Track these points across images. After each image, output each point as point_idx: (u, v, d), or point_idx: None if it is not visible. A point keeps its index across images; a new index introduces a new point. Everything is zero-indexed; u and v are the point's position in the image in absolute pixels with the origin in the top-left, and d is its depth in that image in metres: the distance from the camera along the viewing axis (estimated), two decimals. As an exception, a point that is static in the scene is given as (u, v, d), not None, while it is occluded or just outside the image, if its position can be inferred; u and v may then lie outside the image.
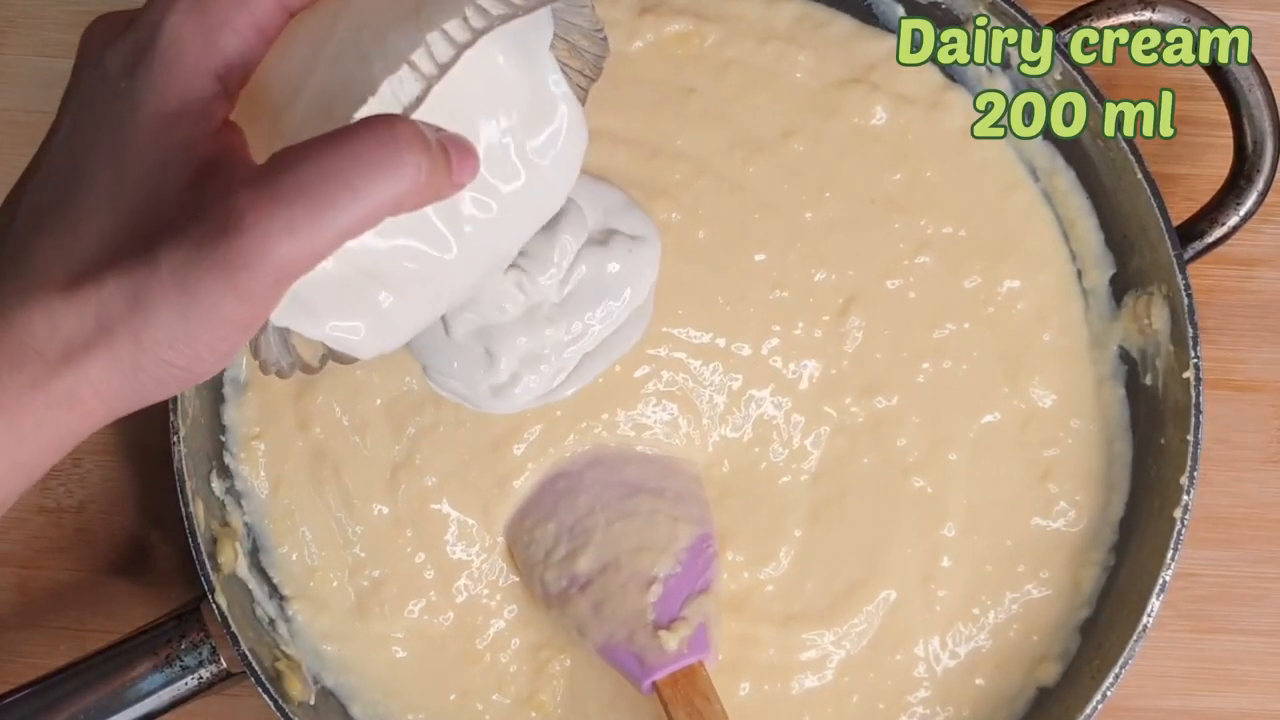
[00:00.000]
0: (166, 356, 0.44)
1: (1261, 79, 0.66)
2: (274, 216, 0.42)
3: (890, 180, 0.68)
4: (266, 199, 0.42)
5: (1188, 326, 0.65)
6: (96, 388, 0.44)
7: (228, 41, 0.46)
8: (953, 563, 0.68)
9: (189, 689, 0.64)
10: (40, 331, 0.44)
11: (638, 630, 0.62)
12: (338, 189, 0.42)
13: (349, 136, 0.43)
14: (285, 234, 0.42)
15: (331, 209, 0.42)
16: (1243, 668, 0.72)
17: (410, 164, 0.43)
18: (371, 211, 0.43)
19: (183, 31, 0.45)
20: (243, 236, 0.42)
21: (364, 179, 0.43)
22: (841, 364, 0.68)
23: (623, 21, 0.69)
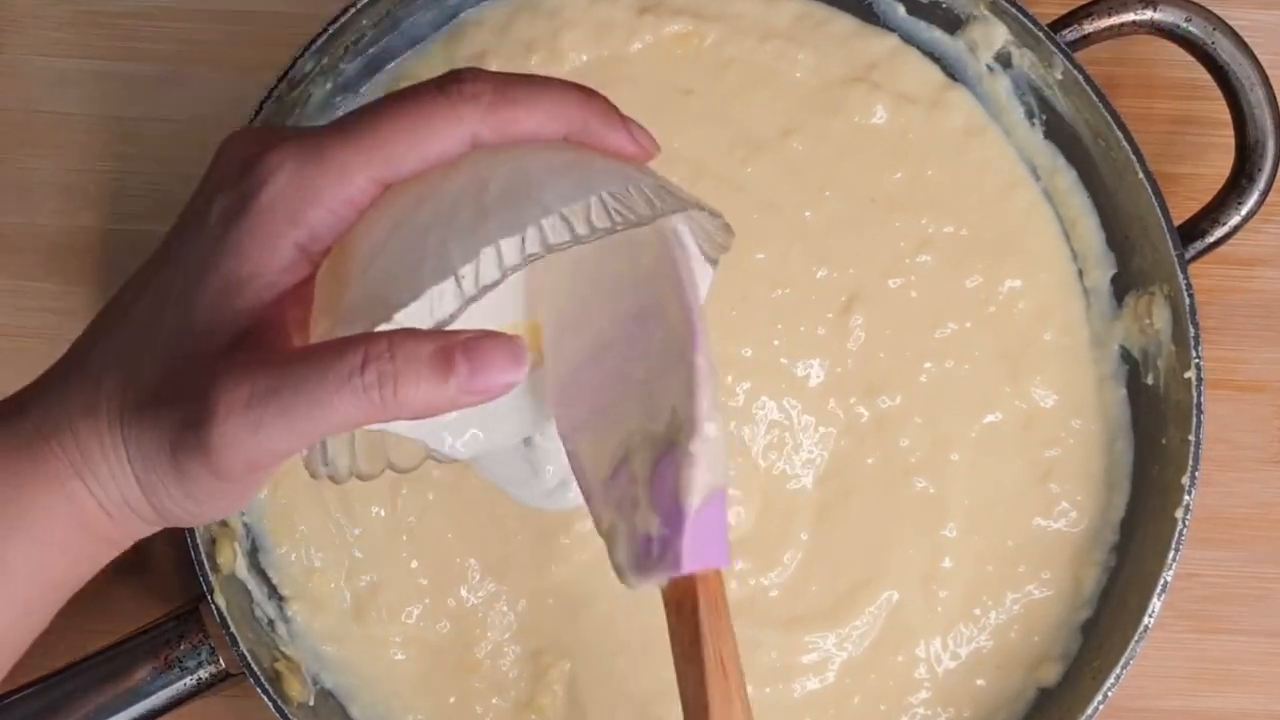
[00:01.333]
0: (181, 510, 0.49)
1: (1263, 78, 0.66)
2: (242, 417, 0.45)
3: (891, 179, 0.69)
4: (238, 398, 0.45)
5: (1189, 326, 0.65)
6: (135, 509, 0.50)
7: (318, 217, 0.48)
8: (954, 563, 0.68)
9: (188, 689, 0.64)
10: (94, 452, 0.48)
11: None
12: (301, 401, 0.44)
13: (324, 349, 0.45)
14: (250, 431, 0.45)
15: (294, 415, 0.44)
16: (1244, 668, 0.72)
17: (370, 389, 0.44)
18: (338, 419, 0.45)
19: (279, 199, 0.48)
20: (211, 430, 0.45)
21: (327, 396, 0.44)
22: (846, 363, 0.68)
23: (622, 22, 0.69)
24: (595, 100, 0.51)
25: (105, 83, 0.73)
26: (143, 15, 0.73)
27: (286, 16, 0.72)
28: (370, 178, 0.48)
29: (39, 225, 0.72)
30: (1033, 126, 0.69)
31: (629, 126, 0.52)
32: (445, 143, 0.48)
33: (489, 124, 0.48)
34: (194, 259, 0.48)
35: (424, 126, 0.48)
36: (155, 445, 0.47)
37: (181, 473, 0.47)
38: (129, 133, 0.73)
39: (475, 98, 0.48)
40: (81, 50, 0.73)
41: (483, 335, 0.46)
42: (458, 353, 0.45)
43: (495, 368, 0.46)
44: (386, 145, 0.48)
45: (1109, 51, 0.70)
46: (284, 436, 0.45)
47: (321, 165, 0.48)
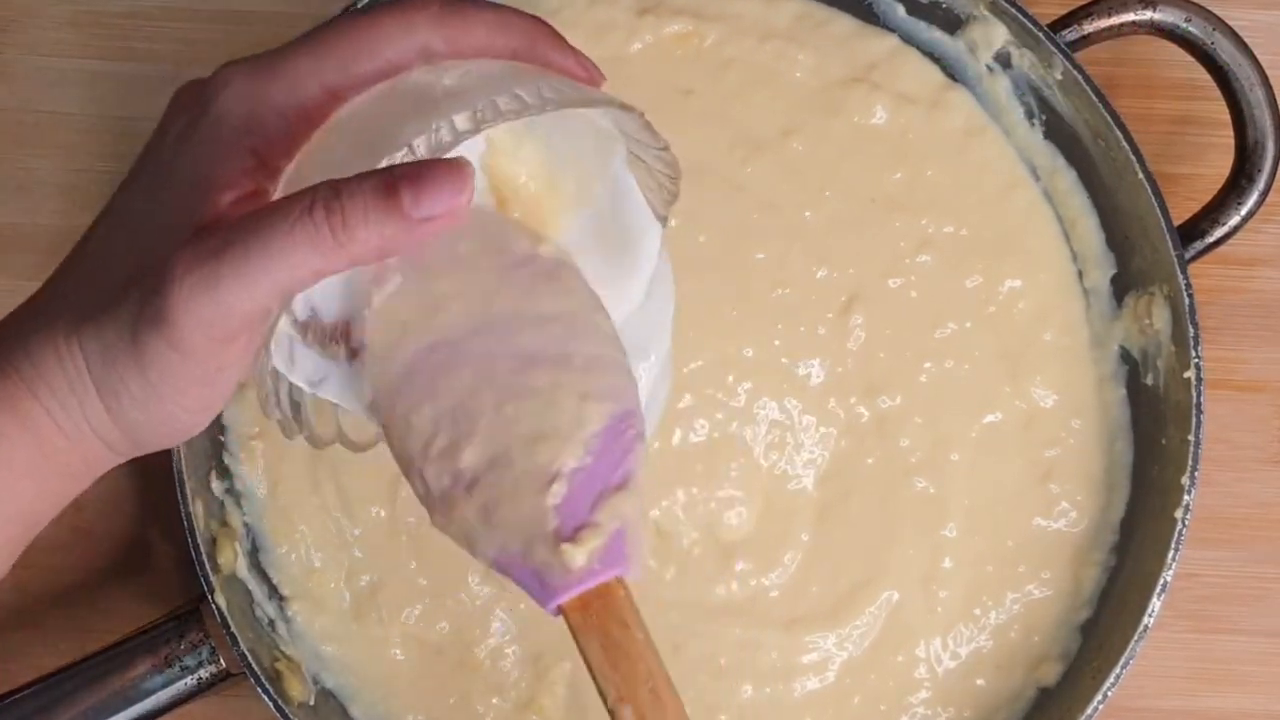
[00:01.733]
0: (145, 413, 0.47)
1: (1262, 78, 0.66)
2: (198, 274, 0.44)
3: (891, 179, 0.69)
4: (192, 257, 0.44)
5: (1189, 326, 0.65)
6: (94, 427, 0.47)
7: (270, 121, 0.48)
8: (954, 563, 0.68)
9: (188, 689, 0.64)
10: (50, 365, 0.47)
11: (536, 541, 0.49)
12: (254, 250, 0.44)
13: (275, 203, 0.45)
14: (206, 288, 0.44)
15: (250, 266, 0.44)
16: (1244, 668, 0.72)
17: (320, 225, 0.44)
18: (294, 265, 0.44)
19: (230, 107, 0.48)
20: (168, 293, 0.44)
21: (278, 240, 0.44)
22: (846, 363, 0.68)
23: (622, 22, 0.69)
24: (544, 24, 0.51)
25: (105, 83, 0.73)
26: (143, 15, 0.73)
27: (286, 16, 0.72)
28: (321, 83, 0.48)
29: (39, 225, 0.72)
30: (1032, 127, 0.69)
31: (576, 54, 0.52)
32: (396, 48, 0.49)
33: (440, 33, 0.49)
34: (149, 177, 0.49)
35: (375, 32, 0.48)
36: (115, 333, 0.46)
37: (141, 354, 0.45)
38: (129, 133, 0.72)
39: (424, 6, 0.49)
40: (81, 50, 0.73)
41: (425, 161, 0.45)
42: (401, 181, 0.45)
43: (442, 191, 0.45)
44: (337, 51, 0.48)
45: (1109, 52, 0.70)
46: (240, 290, 0.44)
47: (271, 72, 0.48)
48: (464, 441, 0.50)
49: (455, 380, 0.51)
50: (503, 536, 0.49)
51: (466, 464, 0.50)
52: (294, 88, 0.48)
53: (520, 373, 0.51)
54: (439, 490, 0.51)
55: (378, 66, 0.49)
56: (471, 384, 0.51)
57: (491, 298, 0.51)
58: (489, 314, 0.51)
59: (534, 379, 0.51)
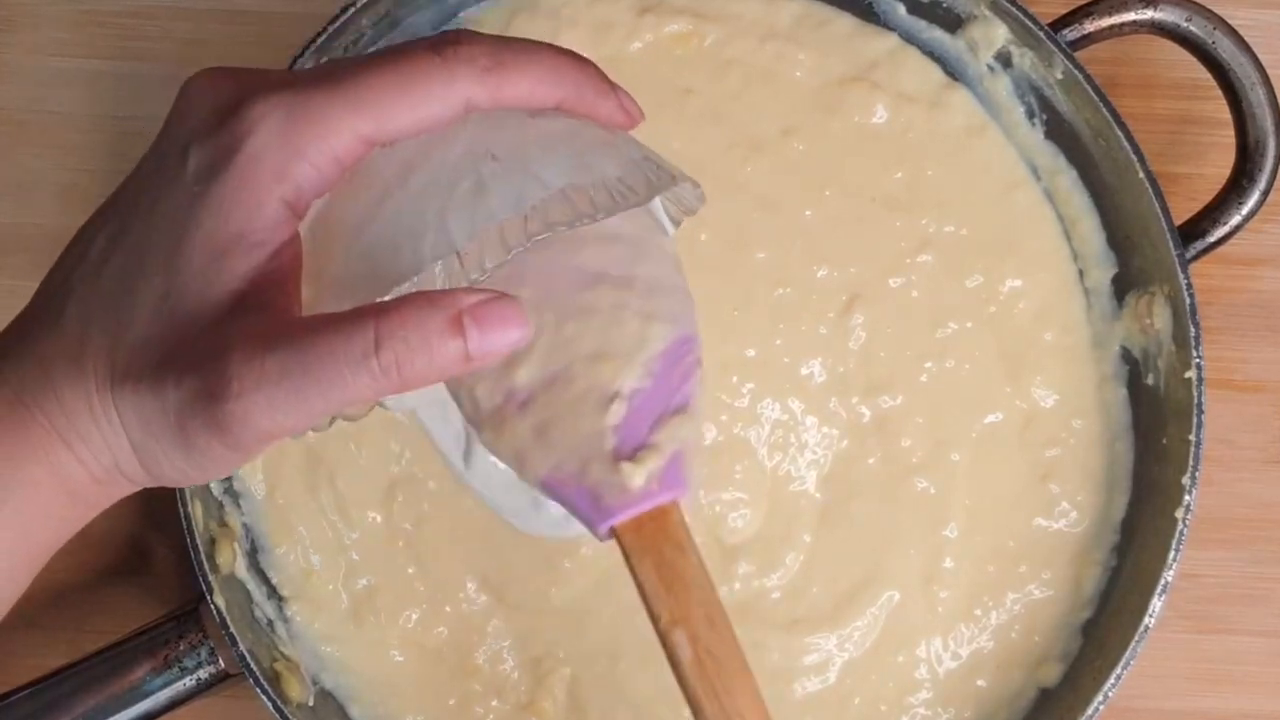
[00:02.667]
0: (179, 474, 0.47)
1: (1263, 77, 0.66)
2: (256, 395, 0.44)
3: (891, 179, 0.69)
4: (253, 376, 0.44)
5: (1189, 326, 0.65)
6: (125, 473, 0.48)
7: (303, 172, 0.46)
8: (955, 563, 0.68)
9: (187, 690, 0.64)
10: (83, 418, 0.47)
11: (593, 460, 0.49)
12: (313, 381, 0.44)
13: (335, 328, 0.44)
14: (266, 409, 0.44)
15: (309, 395, 0.44)
16: (1245, 668, 0.72)
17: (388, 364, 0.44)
18: (351, 398, 0.44)
19: (263, 154, 0.46)
20: (227, 404, 0.44)
21: (341, 377, 0.44)
22: (848, 362, 0.68)
23: (622, 22, 0.69)
24: (587, 66, 0.51)
25: (105, 82, 0.73)
26: (143, 15, 0.73)
27: (286, 16, 0.72)
28: (358, 134, 0.47)
29: (39, 225, 0.72)
30: (1033, 126, 0.69)
31: (619, 95, 0.51)
32: (438, 104, 0.47)
33: (484, 87, 0.47)
34: (173, 216, 0.47)
35: (418, 85, 0.47)
36: (158, 413, 0.45)
37: (188, 442, 0.45)
38: (129, 132, 0.72)
39: (471, 60, 0.47)
40: (82, 50, 0.73)
41: (488, 298, 0.45)
42: (466, 319, 0.44)
43: (503, 332, 0.45)
44: (378, 102, 0.47)
45: (1109, 51, 0.70)
46: (298, 414, 0.44)
47: (307, 118, 0.46)
48: (521, 359, 0.50)
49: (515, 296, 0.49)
50: (558, 455, 0.49)
51: (522, 381, 0.50)
52: (329, 136, 0.46)
53: (583, 290, 0.50)
54: (490, 408, 0.50)
55: (418, 122, 0.47)
56: (531, 300, 0.50)
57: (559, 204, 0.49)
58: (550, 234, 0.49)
59: (597, 298, 0.50)
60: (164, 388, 0.45)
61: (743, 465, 0.67)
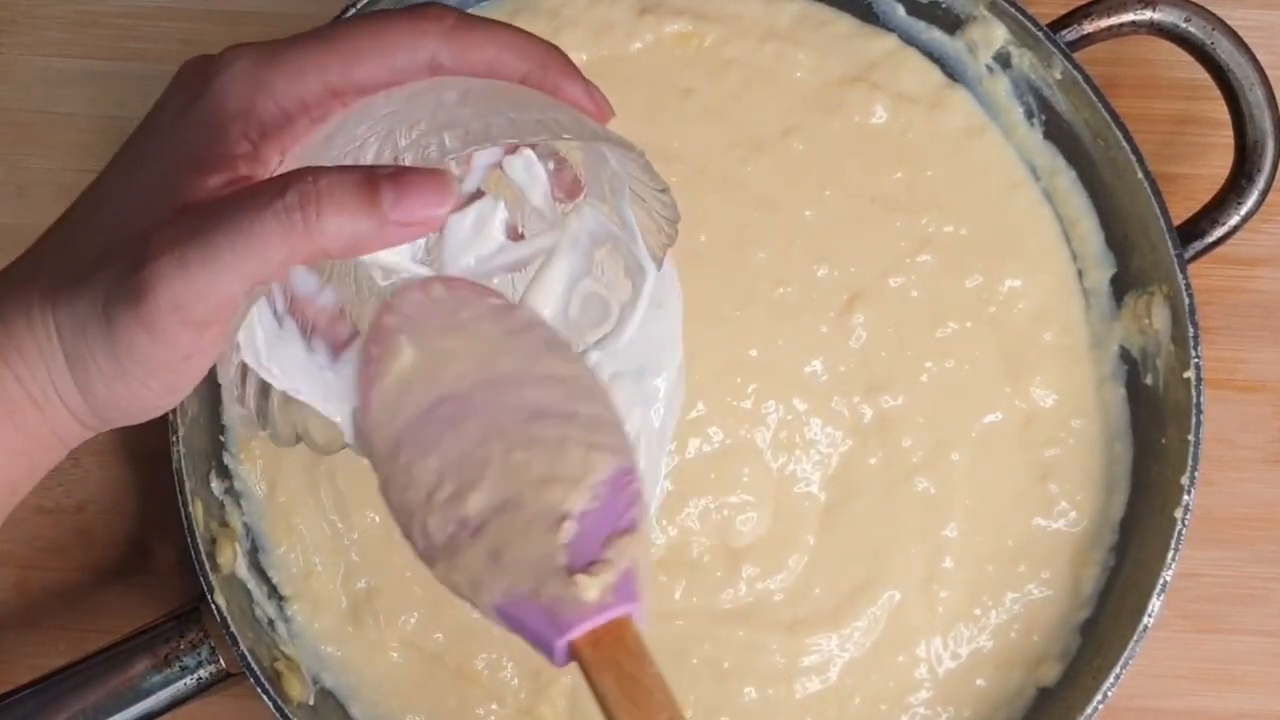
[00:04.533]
0: (105, 386, 0.46)
1: (1262, 78, 0.66)
2: (169, 255, 0.44)
3: (891, 179, 0.69)
4: (166, 238, 0.44)
5: (1188, 326, 0.65)
6: (62, 396, 0.47)
7: (267, 110, 0.47)
8: (955, 563, 0.68)
9: (188, 689, 0.64)
10: (20, 330, 0.46)
11: (547, 577, 0.48)
12: (224, 232, 0.43)
13: (250, 187, 0.45)
14: (177, 269, 0.44)
15: (219, 247, 0.43)
16: (1244, 668, 0.72)
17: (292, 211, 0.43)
18: (262, 250, 0.44)
19: (229, 89, 0.48)
20: (140, 273, 0.44)
21: (248, 222, 0.43)
22: (849, 362, 0.68)
23: (622, 22, 0.69)
24: (555, 49, 0.51)
25: (105, 82, 0.73)
26: (142, 15, 0.73)
27: (286, 17, 0.72)
28: (324, 80, 0.48)
29: (39, 225, 0.70)
30: (1032, 127, 0.69)
31: (587, 82, 0.51)
32: (404, 56, 0.48)
33: (450, 46, 0.48)
34: (140, 150, 0.48)
35: (385, 37, 0.48)
36: (88, 305, 0.45)
37: (112, 329, 0.45)
38: (128, 132, 0.71)
39: (439, 18, 0.49)
40: (81, 50, 0.73)
41: (408, 167, 0.45)
42: (384, 180, 0.44)
43: (422, 198, 0.44)
44: (346, 51, 0.48)
45: (1108, 51, 0.70)
46: (210, 274, 0.43)
47: (276, 61, 0.48)
48: (471, 488, 0.50)
49: (462, 432, 0.51)
50: (512, 577, 0.49)
51: (474, 509, 0.50)
52: (296, 80, 0.48)
53: (528, 424, 0.51)
54: (442, 539, 0.50)
55: (383, 72, 0.48)
56: (479, 435, 0.51)
57: (496, 357, 0.52)
58: (494, 371, 0.52)
59: (542, 430, 0.51)
60: (95, 278, 0.45)
61: (749, 468, 0.67)
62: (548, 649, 0.48)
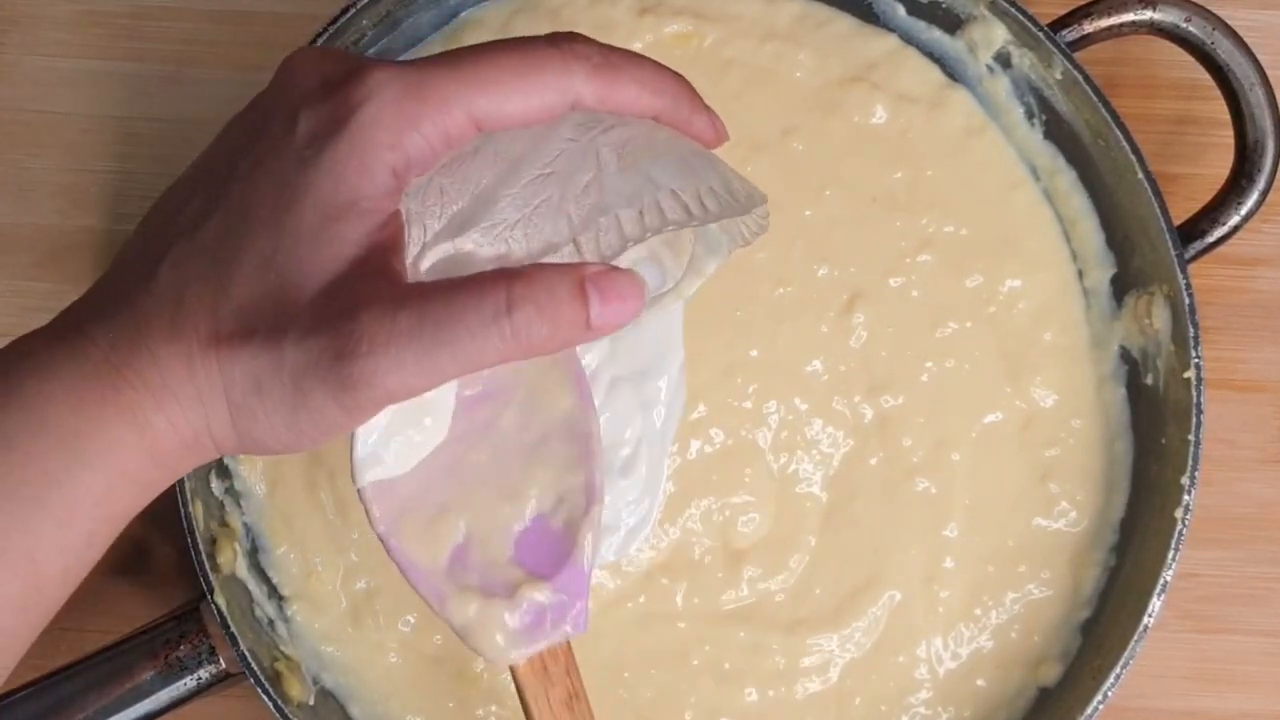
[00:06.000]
0: (272, 438, 0.47)
1: (1262, 78, 0.66)
2: (386, 352, 0.44)
3: (891, 179, 0.69)
4: (384, 333, 0.44)
5: (1189, 326, 0.65)
6: (214, 437, 0.47)
7: (415, 143, 0.47)
8: (955, 563, 0.68)
9: (188, 689, 0.64)
10: (179, 377, 0.46)
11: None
12: (444, 341, 0.44)
13: (469, 288, 0.45)
14: (394, 368, 0.44)
15: (438, 354, 0.44)
16: (1244, 668, 0.72)
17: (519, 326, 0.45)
18: (479, 359, 0.45)
19: (378, 121, 0.46)
20: (355, 364, 0.44)
21: (472, 337, 0.44)
22: (849, 361, 0.68)
23: (622, 22, 0.69)
24: (686, 82, 0.52)
25: (105, 83, 0.73)
26: (143, 15, 0.73)
27: (286, 17, 0.72)
28: (470, 113, 0.47)
29: (39, 225, 0.72)
30: (1032, 127, 0.69)
31: (711, 113, 0.53)
32: (551, 94, 0.48)
33: (593, 84, 0.48)
34: (281, 178, 0.47)
35: (534, 73, 0.48)
36: (272, 371, 0.45)
37: (302, 402, 0.45)
38: (129, 133, 0.73)
39: (586, 57, 0.49)
40: (81, 50, 0.73)
41: (609, 268, 0.46)
42: (590, 287, 0.45)
43: (624, 306, 0.46)
44: (494, 84, 0.47)
45: (1109, 52, 0.70)
46: (425, 374, 0.44)
47: (423, 91, 0.47)
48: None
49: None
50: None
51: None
52: (444, 113, 0.47)
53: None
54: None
55: (531, 110, 0.48)
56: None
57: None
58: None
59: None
60: (281, 345, 0.45)
61: (751, 469, 0.67)
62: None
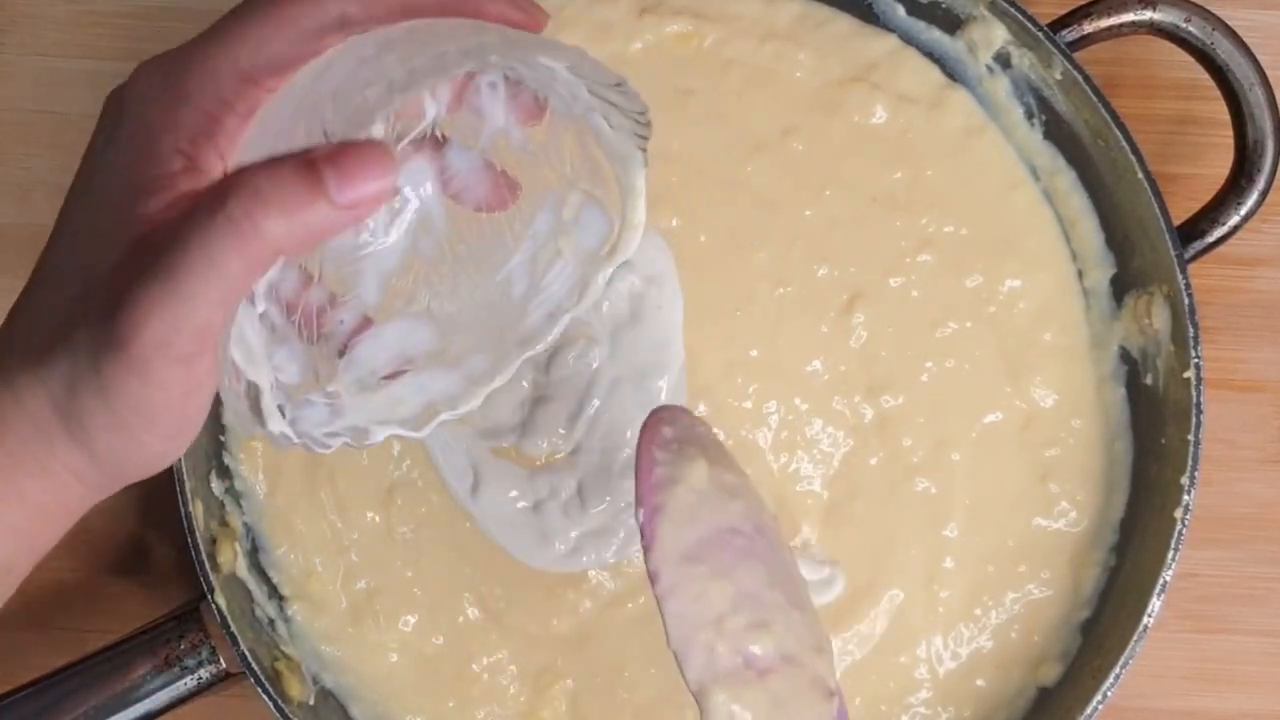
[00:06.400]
0: (114, 445, 0.45)
1: (1262, 78, 0.66)
2: (140, 295, 0.42)
3: (891, 179, 0.69)
4: (126, 280, 0.43)
5: (1188, 326, 0.65)
6: (68, 465, 0.45)
7: (190, 117, 0.45)
8: (955, 563, 0.68)
9: (188, 689, 0.64)
10: (7, 406, 0.45)
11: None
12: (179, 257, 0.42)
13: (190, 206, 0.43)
14: (149, 304, 0.42)
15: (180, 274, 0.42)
16: (1243, 668, 0.72)
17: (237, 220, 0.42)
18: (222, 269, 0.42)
19: (149, 107, 0.45)
20: (116, 317, 0.43)
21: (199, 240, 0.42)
22: (849, 361, 0.68)
23: (622, 22, 0.69)
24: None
25: (105, 82, 0.69)
26: (142, 15, 0.73)
27: (286, 16, 0.72)
28: (237, 71, 0.45)
29: (39, 225, 0.70)
30: (1032, 127, 0.69)
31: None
32: (311, 20, 0.45)
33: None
34: (82, 192, 0.47)
35: (284, 8, 0.45)
36: (70, 364, 0.44)
37: (104, 384, 0.43)
38: None
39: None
40: (81, 50, 0.73)
41: (340, 145, 0.43)
42: (321, 166, 0.43)
43: (365, 173, 0.43)
44: (250, 33, 0.45)
45: (1109, 52, 0.70)
46: (180, 302, 0.42)
47: (183, 66, 0.45)
48: (763, 629, 0.55)
49: (753, 570, 0.56)
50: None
51: (763, 652, 0.55)
52: (210, 78, 0.45)
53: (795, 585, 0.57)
54: (729, 666, 0.54)
55: (296, 44, 0.45)
56: (766, 578, 0.56)
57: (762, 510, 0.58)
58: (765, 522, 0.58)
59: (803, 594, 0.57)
60: (73, 336, 0.44)
61: (751, 468, 0.67)
62: None
